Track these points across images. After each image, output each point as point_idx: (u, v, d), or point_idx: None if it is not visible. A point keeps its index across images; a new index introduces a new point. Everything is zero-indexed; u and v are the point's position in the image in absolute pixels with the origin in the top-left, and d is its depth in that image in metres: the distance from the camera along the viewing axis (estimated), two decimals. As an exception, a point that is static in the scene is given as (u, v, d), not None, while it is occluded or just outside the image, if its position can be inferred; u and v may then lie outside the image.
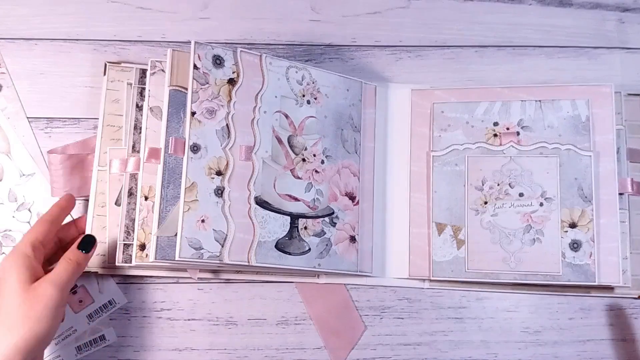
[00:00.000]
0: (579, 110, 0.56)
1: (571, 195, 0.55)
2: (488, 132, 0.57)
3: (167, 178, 0.51)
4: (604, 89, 0.56)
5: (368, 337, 0.58)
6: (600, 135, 0.56)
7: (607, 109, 0.56)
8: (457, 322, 0.58)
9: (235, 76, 0.53)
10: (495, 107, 0.57)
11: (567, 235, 0.54)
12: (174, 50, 0.53)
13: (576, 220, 0.55)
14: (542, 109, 0.57)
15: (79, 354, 0.56)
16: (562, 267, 0.54)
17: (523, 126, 0.57)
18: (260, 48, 0.62)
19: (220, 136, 0.52)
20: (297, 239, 0.54)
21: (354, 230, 0.56)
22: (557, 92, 0.57)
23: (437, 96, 0.59)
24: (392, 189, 0.59)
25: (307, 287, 0.58)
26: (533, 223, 0.55)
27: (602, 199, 0.55)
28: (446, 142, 0.58)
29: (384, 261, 0.58)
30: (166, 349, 0.56)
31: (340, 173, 0.56)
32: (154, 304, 0.57)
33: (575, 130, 0.56)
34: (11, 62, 0.60)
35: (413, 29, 0.63)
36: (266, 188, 0.53)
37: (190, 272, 0.56)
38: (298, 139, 0.55)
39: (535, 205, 0.55)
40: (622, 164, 0.57)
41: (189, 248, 0.49)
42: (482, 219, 0.56)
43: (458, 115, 0.58)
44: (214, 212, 0.51)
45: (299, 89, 0.56)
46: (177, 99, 0.53)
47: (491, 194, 0.56)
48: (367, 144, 0.58)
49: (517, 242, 0.55)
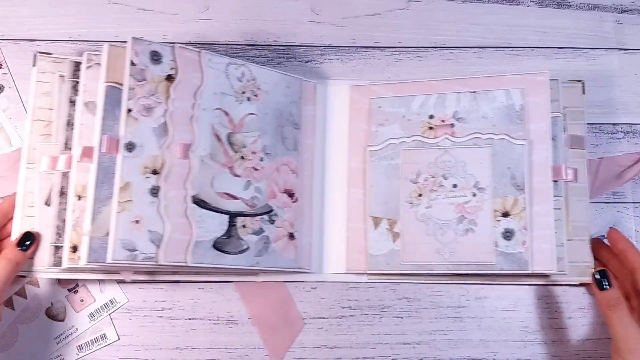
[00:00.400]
0: (513, 100, 0.56)
1: (504, 184, 0.55)
2: (424, 125, 0.57)
3: (101, 177, 0.49)
4: (539, 77, 0.56)
5: (368, 336, 0.58)
6: (535, 123, 0.56)
7: (543, 97, 0.56)
8: (456, 321, 0.58)
9: (174, 72, 0.52)
10: (431, 100, 0.58)
11: (500, 225, 0.54)
12: (110, 46, 0.51)
13: (509, 209, 0.54)
14: (477, 99, 0.57)
15: (80, 353, 0.56)
16: (495, 256, 0.54)
17: (458, 118, 0.57)
18: (261, 49, 0.62)
19: (158, 134, 0.51)
20: (236, 238, 0.53)
21: (292, 228, 0.56)
22: (492, 83, 0.57)
23: (374, 91, 0.59)
24: (331, 185, 0.59)
25: (246, 286, 0.57)
26: (466, 213, 0.55)
27: (535, 187, 0.55)
28: (383, 137, 0.58)
29: (322, 257, 0.58)
30: (167, 348, 0.57)
31: (279, 170, 0.56)
32: (154, 303, 0.57)
33: (509, 120, 0.56)
34: (13, 62, 0.60)
35: (412, 30, 0.63)
36: (204, 187, 0.52)
37: (123, 274, 0.55)
38: (237, 136, 0.54)
39: (468, 195, 0.55)
40: (558, 151, 0.56)
41: (122, 250, 0.48)
42: (417, 211, 0.56)
43: (395, 110, 0.58)
44: (149, 213, 0.49)
45: (239, 86, 0.55)
46: (113, 96, 0.51)
47: (426, 186, 0.56)
48: (306, 141, 0.58)
49: (451, 233, 0.55)
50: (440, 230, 0.55)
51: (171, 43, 0.52)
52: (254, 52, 0.62)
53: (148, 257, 0.49)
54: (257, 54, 0.62)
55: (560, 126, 0.57)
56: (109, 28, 0.61)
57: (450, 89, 0.57)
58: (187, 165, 0.51)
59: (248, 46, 0.62)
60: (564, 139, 0.57)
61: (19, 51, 0.60)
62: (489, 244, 0.54)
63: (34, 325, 0.56)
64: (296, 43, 0.63)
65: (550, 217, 0.54)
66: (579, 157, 0.58)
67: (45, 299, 0.56)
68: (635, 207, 0.61)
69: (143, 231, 0.49)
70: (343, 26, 0.63)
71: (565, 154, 0.57)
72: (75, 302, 0.56)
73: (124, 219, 0.48)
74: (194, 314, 0.57)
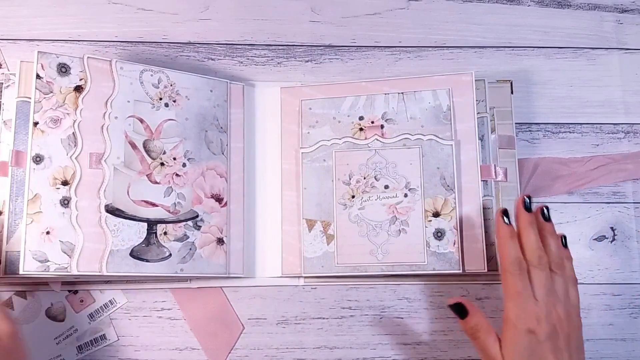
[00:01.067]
0: (440, 100, 0.56)
1: (434, 184, 0.55)
2: (354, 126, 0.57)
3: (15, 191, 0.51)
4: (464, 78, 0.57)
5: (368, 337, 0.58)
6: (462, 123, 0.56)
7: (468, 97, 0.56)
8: (456, 321, 0.58)
9: (83, 83, 0.52)
10: (360, 102, 0.58)
11: (431, 225, 0.55)
12: (22, 62, 0.54)
13: (439, 209, 0.55)
14: (405, 101, 0.57)
15: (79, 353, 0.56)
16: (426, 256, 0.54)
17: (387, 119, 0.57)
18: (261, 49, 0.62)
19: (66, 145, 0.51)
20: (156, 245, 0.53)
21: (221, 233, 0.55)
22: (419, 84, 0.57)
23: (304, 93, 0.59)
24: (265, 188, 0.59)
25: (182, 292, 0.57)
26: (398, 214, 0.55)
27: (464, 187, 0.55)
28: (315, 139, 0.58)
29: (256, 261, 0.58)
30: (167, 349, 0.57)
31: (204, 175, 0.55)
32: (154, 303, 0.57)
33: (437, 120, 0.56)
34: (13, 62, 0.60)
35: (412, 29, 0.63)
36: (119, 195, 0.52)
37: (51, 284, 0.55)
38: (155, 143, 0.54)
39: (400, 196, 0.56)
40: (487, 151, 0.57)
41: (33, 261, 0.49)
42: (350, 212, 0.56)
43: (325, 111, 0.58)
44: (60, 223, 0.50)
45: (155, 92, 0.55)
46: (24, 110, 0.52)
47: (358, 188, 0.56)
48: (235, 144, 0.58)
49: (384, 234, 0.55)
50: (374, 232, 0.55)
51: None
52: (254, 52, 0.62)
53: (60, 267, 0.49)
54: (257, 53, 0.62)
55: (487, 126, 0.57)
56: (109, 28, 0.61)
57: (378, 90, 0.58)
58: (101, 175, 0.52)
59: (248, 46, 0.62)
60: (492, 139, 0.57)
61: (18, 51, 0.60)
62: (421, 245, 0.55)
63: (34, 326, 0.56)
64: (296, 43, 0.63)
65: (479, 216, 0.55)
66: (510, 157, 0.58)
67: (45, 299, 0.56)
68: (636, 207, 0.60)
69: (54, 242, 0.50)
70: (343, 26, 0.63)
71: (495, 154, 0.57)
72: (75, 303, 0.56)
73: (33, 230, 0.49)
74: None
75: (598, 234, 0.60)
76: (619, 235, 0.60)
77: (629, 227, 0.60)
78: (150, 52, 0.61)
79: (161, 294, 0.57)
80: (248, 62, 0.62)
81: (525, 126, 0.61)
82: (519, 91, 0.61)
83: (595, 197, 0.60)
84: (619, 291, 0.59)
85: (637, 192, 0.61)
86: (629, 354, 0.58)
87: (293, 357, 0.57)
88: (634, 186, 0.61)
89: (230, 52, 0.62)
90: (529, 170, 0.60)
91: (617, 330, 0.58)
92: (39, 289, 0.56)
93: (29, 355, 0.47)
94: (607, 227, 0.60)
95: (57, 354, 0.55)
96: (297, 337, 0.57)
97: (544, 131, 0.61)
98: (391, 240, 0.55)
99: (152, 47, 0.61)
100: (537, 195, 0.59)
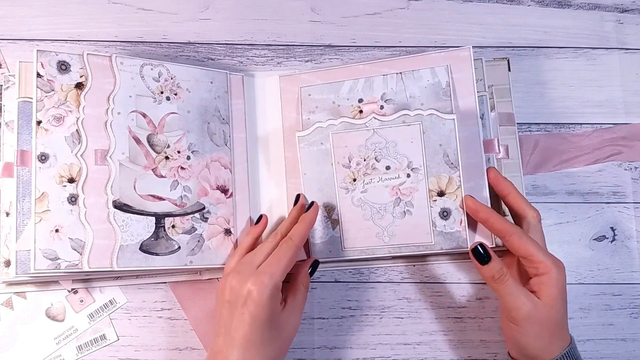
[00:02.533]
0: (439, 77, 0.56)
1: (437, 163, 0.55)
2: (354, 109, 0.57)
3: (22, 191, 0.52)
4: (462, 53, 0.56)
5: (368, 337, 0.58)
6: (462, 98, 0.55)
7: (467, 72, 0.56)
8: (456, 321, 0.58)
9: (84, 80, 0.52)
10: (359, 84, 0.57)
11: (436, 205, 0.54)
12: (21, 62, 0.54)
13: (444, 188, 0.54)
14: (404, 80, 0.57)
15: (79, 353, 0.56)
16: (433, 236, 0.54)
17: (386, 100, 0.57)
18: (261, 49, 0.62)
19: (70, 142, 0.51)
20: (165, 239, 0.53)
21: (228, 223, 0.56)
22: (417, 62, 0.57)
23: (303, 80, 0.58)
24: (270, 177, 0.58)
25: (182, 287, 0.57)
26: (402, 195, 0.55)
27: (468, 163, 0.55)
28: (312, 122, 0.57)
29: None
30: (167, 349, 0.57)
31: (209, 167, 0.56)
32: (154, 303, 0.57)
33: (437, 97, 0.56)
34: (13, 62, 0.60)
35: (412, 29, 0.63)
36: (125, 190, 0.52)
37: (62, 282, 0.55)
38: (159, 137, 0.54)
39: (402, 177, 0.55)
40: (487, 129, 0.57)
41: (44, 259, 0.49)
42: (353, 196, 0.56)
43: (324, 97, 0.58)
44: (69, 221, 0.50)
45: (156, 86, 0.55)
46: (26, 110, 0.53)
47: (359, 170, 0.56)
48: (237, 135, 0.58)
49: (389, 216, 0.55)
50: (378, 214, 0.55)
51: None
52: (253, 52, 0.62)
53: (71, 264, 0.49)
54: (257, 53, 0.62)
55: (487, 104, 0.57)
56: (109, 28, 0.61)
57: (377, 72, 0.57)
58: (106, 171, 0.52)
59: (248, 46, 0.62)
60: (492, 117, 0.57)
61: (18, 51, 0.60)
62: (427, 225, 0.54)
63: (34, 326, 0.56)
64: (296, 43, 0.63)
65: (484, 191, 0.54)
66: (510, 134, 0.58)
67: (45, 299, 0.56)
68: (636, 207, 0.60)
69: (64, 239, 0.50)
70: (343, 26, 0.63)
71: (496, 131, 0.57)
72: (74, 303, 0.56)
73: (43, 229, 0.50)
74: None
75: (598, 234, 0.60)
76: (619, 235, 0.60)
77: (629, 227, 0.60)
78: (150, 52, 0.61)
79: (161, 294, 0.57)
80: (248, 62, 0.62)
81: (526, 126, 0.61)
82: (519, 91, 0.61)
83: (595, 197, 0.60)
84: (619, 291, 0.59)
85: (637, 192, 0.61)
86: (629, 354, 0.58)
87: (293, 357, 0.57)
88: (634, 186, 0.61)
89: (230, 52, 0.62)
90: (530, 147, 0.60)
91: (617, 330, 0.58)
92: (49, 289, 0.56)
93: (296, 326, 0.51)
94: (607, 227, 0.60)
95: (57, 354, 0.55)
96: (297, 337, 0.57)
97: (544, 131, 0.61)
98: (396, 222, 0.55)
99: (152, 47, 0.61)
100: (538, 171, 0.59)
